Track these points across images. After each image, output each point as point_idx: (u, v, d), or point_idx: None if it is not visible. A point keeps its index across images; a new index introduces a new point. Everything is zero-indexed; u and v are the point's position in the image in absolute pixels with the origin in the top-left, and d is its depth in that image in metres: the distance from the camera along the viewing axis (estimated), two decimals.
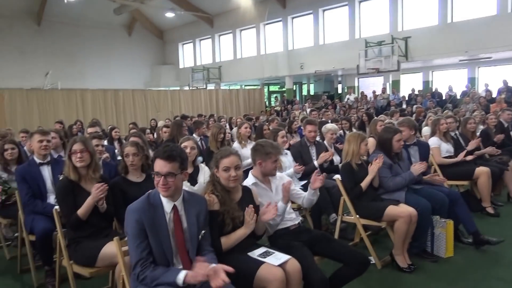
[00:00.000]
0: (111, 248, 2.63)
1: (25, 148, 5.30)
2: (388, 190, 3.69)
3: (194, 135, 6.59)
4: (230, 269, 1.93)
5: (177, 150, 2.15)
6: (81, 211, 2.78)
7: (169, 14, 21.21)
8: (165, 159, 2.08)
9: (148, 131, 7.97)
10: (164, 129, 6.57)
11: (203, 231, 2.22)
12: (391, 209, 3.43)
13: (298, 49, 19.13)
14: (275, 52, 19.79)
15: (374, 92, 16.62)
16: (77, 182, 2.88)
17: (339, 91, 21.16)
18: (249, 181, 2.81)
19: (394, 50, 14.76)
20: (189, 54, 24.97)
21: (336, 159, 4.96)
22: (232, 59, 22.00)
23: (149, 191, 2.22)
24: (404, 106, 13.90)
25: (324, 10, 18.37)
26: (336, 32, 17.93)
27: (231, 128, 9.59)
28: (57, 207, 3.07)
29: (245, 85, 23.00)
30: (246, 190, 2.65)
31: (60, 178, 3.54)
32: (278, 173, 3.01)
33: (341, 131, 6.94)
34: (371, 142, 4.77)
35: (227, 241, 2.39)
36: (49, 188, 3.61)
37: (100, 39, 22.43)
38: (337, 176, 4.08)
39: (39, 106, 13.64)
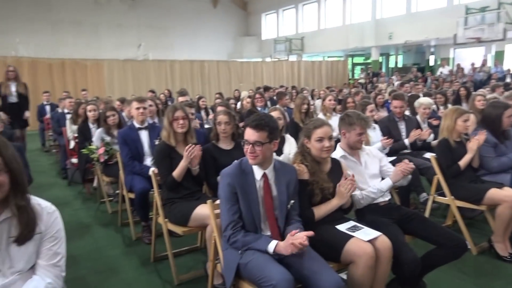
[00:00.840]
0: (202, 210, 2.78)
1: (123, 114, 5.75)
2: (491, 171, 3.38)
3: (277, 105, 6.60)
4: (310, 233, 1.97)
5: (266, 119, 2.15)
6: (176, 173, 2.95)
7: None
8: (253, 127, 2.11)
9: (232, 101, 8.16)
10: (248, 99, 6.66)
11: (292, 201, 2.23)
12: (493, 192, 3.13)
13: (387, 18, 17.96)
14: (362, 22, 18.80)
15: (472, 64, 15.11)
16: (174, 146, 3.06)
17: (431, 63, 19.59)
18: (337, 153, 2.74)
19: (500, 17, 13.15)
20: (271, 25, 24.80)
21: (430, 136, 4.63)
22: (316, 29, 21.40)
23: (242, 157, 2.27)
24: (508, 80, 12.45)
25: None
26: None
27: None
28: (153, 168, 3.30)
29: (327, 57, 22.35)
30: (335, 162, 2.59)
31: (157, 142, 3.81)
32: (367, 147, 2.90)
33: (435, 106, 6.44)
34: (472, 119, 4.36)
35: (318, 212, 2.38)
36: (146, 151, 3.89)
37: (188, 12, 23.18)
38: (430, 154, 3.82)
39: (133, 75, 14.66)
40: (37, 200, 1.63)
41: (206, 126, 5.95)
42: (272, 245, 2.03)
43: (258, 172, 2.19)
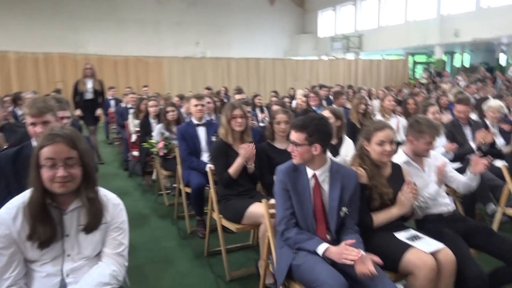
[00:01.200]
0: (256, 208, 2.80)
1: (181, 110, 5.93)
2: None
3: (333, 105, 6.47)
4: (379, 260, 1.91)
5: (308, 121, 2.12)
6: (232, 170, 2.99)
7: None
8: (293, 127, 2.15)
9: (287, 99, 8.13)
10: (303, 98, 6.60)
11: (345, 208, 2.15)
12: None
13: (454, 14, 16.94)
14: (426, 19, 17.89)
15: None
16: (231, 144, 3.10)
17: (501, 62, 18.23)
18: (399, 158, 2.62)
19: None
20: (329, 22, 24.36)
21: (500, 141, 4.30)
22: (375, 27, 20.71)
23: None
24: None
25: None
26: None
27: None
28: (210, 165, 3.37)
29: (386, 55, 21.57)
30: (396, 167, 2.49)
31: (214, 139, 3.89)
32: (431, 152, 2.75)
33: (506, 110, 5.98)
34: None
35: (376, 219, 2.30)
36: (203, 147, 3.98)
37: (245, 9, 23.40)
38: (501, 162, 3.55)
39: (191, 72, 15.09)
40: (103, 191, 1.72)
41: (261, 124, 5.98)
42: (322, 248, 2.00)
43: (309, 172, 2.17)
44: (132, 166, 6.31)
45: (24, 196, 1.60)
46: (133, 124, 6.51)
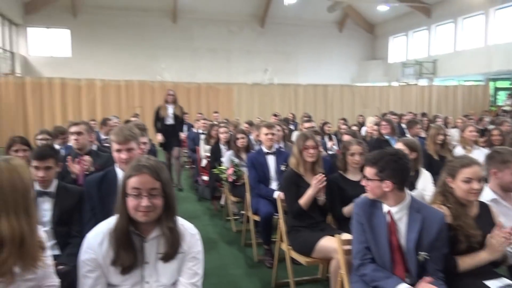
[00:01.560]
0: (327, 242, 2.71)
1: (250, 137, 6.03)
2: None
3: (407, 135, 6.19)
4: None
5: (379, 156, 2.06)
6: (303, 201, 2.95)
7: (382, 8, 20.54)
8: (365, 162, 2.15)
9: (355, 127, 7.93)
10: (374, 126, 6.39)
11: (423, 253, 1.99)
12: None
13: None
14: (509, 42, 16.68)
15: None
16: (302, 175, 3.07)
17: None
18: (485, 196, 2.41)
19: None
20: (400, 48, 23.70)
21: None
22: (451, 51, 19.73)
23: None
24: None
25: None
26: None
27: None
28: (279, 193, 3.35)
29: (464, 81, 20.34)
30: (483, 206, 2.28)
31: (283, 168, 3.88)
32: None
33: None
34: None
35: (462, 263, 2.11)
36: (272, 175, 3.99)
37: (313, 37, 23.62)
38: None
39: (259, 99, 15.40)
40: (181, 220, 1.77)
41: (330, 152, 5.88)
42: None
43: (385, 208, 2.08)
44: (202, 190, 6.49)
45: (110, 222, 1.69)
46: (203, 149, 6.75)
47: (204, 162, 6.60)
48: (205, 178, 6.27)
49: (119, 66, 19.84)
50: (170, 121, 6.97)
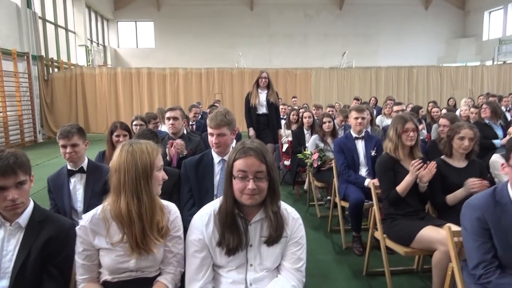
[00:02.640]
0: (430, 233, 2.52)
1: (335, 121, 5.85)
2: None
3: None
4: None
5: None
6: (400, 188, 2.77)
7: None
8: None
9: (444, 111, 7.32)
10: (473, 109, 5.82)
11: None
12: None
13: None
14: None
15: None
16: (399, 159, 2.87)
17: None
18: None
19: None
20: (496, 24, 21.36)
21: None
22: None
23: (495, 185, 1.91)
24: None
25: None
26: None
27: None
28: (373, 180, 3.18)
29: None
30: None
31: (373, 154, 3.70)
32: None
33: None
34: None
35: None
36: (361, 161, 3.82)
37: (395, 17, 22.25)
38: None
39: (338, 83, 14.96)
40: (284, 205, 1.73)
41: (421, 137, 5.49)
42: None
43: None
44: (283, 175, 6.49)
45: (215, 204, 1.70)
46: (285, 134, 6.71)
47: (285, 147, 6.57)
48: (287, 163, 6.24)
49: (199, 55, 20.57)
50: (263, 109, 5.70)
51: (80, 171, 2.65)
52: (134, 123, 4.25)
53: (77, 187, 2.65)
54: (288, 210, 1.72)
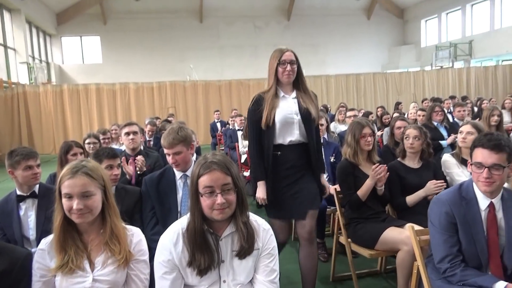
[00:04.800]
0: (393, 234, 2.59)
1: None
2: None
3: (454, 119, 5.92)
4: None
5: (505, 139, 1.84)
6: (361, 192, 2.83)
7: None
8: (491, 148, 1.82)
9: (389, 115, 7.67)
10: (420, 112, 6.13)
11: None
12: None
13: None
14: None
15: None
16: (357, 164, 2.95)
17: None
18: None
19: None
20: (432, 31, 22.86)
21: None
22: (488, 30, 18.84)
23: (462, 181, 2.00)
24: None
25: None
26: None
27: None
28: (335, 186, 3.24)
29: (502, 61, 19.39)
30: None
31: (332, 160, 3.78)
32: None
33: None
34: None
35: None
36: None
37: (341, 26, 23.15)
38: None
39: None
40: (254, 216, 1.71)
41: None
42: (500, 285, 1.71)
43: (483, 201, 1.89)
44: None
45: (182, 222, 1.65)
46: (242, 145, 6.70)
47: (243, 158, 6.56)
48: (246, 173, 6.22)
49: (150, 69, 20.19)
50: (292, 134, 2.53)
51: (32, 195, 2.48)
52: (87, 141, 4.05)
53: (28, 213, 2.47)
54: (259, 222, 1.70)
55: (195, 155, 2.73)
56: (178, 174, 2.53)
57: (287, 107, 2.55)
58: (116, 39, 20.59)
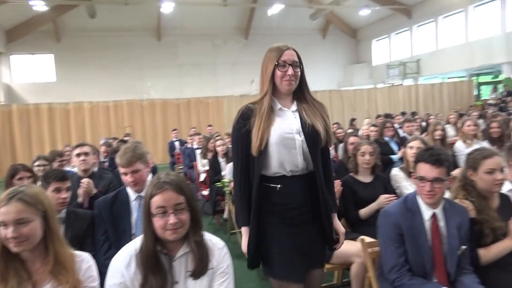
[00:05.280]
0: (347, 247, 2.63)
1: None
2: None
3: (404, 134, 6.22)
4: None
5: (444, 153, 1.98)
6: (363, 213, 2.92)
7: (364, 12, 20.88)
8: (432, 163, 1.94)
9: (349, 131, 7.94)
10: (372, 128, 6.40)
11: (463, 246, 1.97)
12: None
13: None
14: (490, 37, 17.04)
15: None
16: None
17: None
18: (505, 187, 2.39)
19: None
20: (383, 50, 24.06)
21: None
22: (433, 50, 20.08)
23: (406, 194, 2.11)
24: None
25: None
26: None
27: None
28: None
29: (447, 78, 20.69)
30: (504, 197, 2.27)
31: None
32: None
33: None
34: None
35: (486, 254, 2.08)
36: None
37: (297, 45, 22.61)
38: None
39: None
40: (208, 235, 1.71)
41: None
42: None
43: (427, 212, 2.00)
44: (202, 206, 6.39)
45: (135, 244, 1.62)
46: (201, 164, 6.67)
47: (202, 177, 6.51)
48: (205, 193, 6.18)
49: (106, 87, 19.75)
50: (292, 163, 1.96)
51: None
52: (36, 163, 3.87)
53: None
54: (213, 241, 1.71)
55: (150, 175, 2.70)
56: (132, 195, 2.48)
57: (286, 125, 1.92)
58: (71, 57, 20.00)
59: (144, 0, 18.36)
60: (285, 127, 1.90)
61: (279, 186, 1.87)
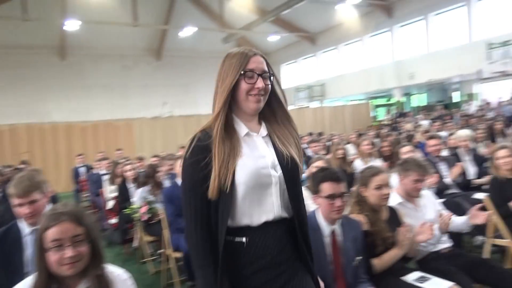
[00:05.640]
0: None
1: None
2: None
3: (311, 153, 6.60)
4: None
5: (338, 171, 2.18)
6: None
7: (273, 38, 21.96)
8: (336, 180, 2.09)
9: None
10: None
11: (358, 257, 2.15)
12: None
13: (408, 58, 18.17)
14: (382, 65, 19.07)
15: (500, 98, 14.89)
16: None
17: (455, 99, 19.42)
18: (393, 200, 2.68)
19: None
20: (292, 74, 25.45)
21: (471, 171, 4.50)
22: (336, 75, 21.81)
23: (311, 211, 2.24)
24: None
25: (437, 14, 17.20)
26: (451, 36, 16.59)
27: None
28: None
29: (350, 101, 22.54)
30: (391, 210, 2.54)
31: None
32: (424, 191, 2.83)
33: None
34: None
35: (379, 262, 2.29)
36: None
37: (210, 67, 23.78)
38: (481, 194, 3.68)
39: (162, 132, 15.07)
40: (110, 267, 1.63)
41: None
42: None
43: (326, 229, 2.14)
44: (110, 235, 6.05)
45: (26, 283, 1.49)
46: (109, 190, 6.32)
47: (110, 204, 6.17)
48: (113, 221, 5.85)
49: (2, 112, 17.83)
50: (268, 212, 1.46)
51: None
52: None
53: None
54: (116, 273, 1.63)
55: (48, 206, 2.50)
56: (26, 229, 2.27)
57: (256, 156, 1.43)
58: None
59: (46, 17, 17.20)
60: (257, 160, 1.41)
61: (244, 239, 1.37)
